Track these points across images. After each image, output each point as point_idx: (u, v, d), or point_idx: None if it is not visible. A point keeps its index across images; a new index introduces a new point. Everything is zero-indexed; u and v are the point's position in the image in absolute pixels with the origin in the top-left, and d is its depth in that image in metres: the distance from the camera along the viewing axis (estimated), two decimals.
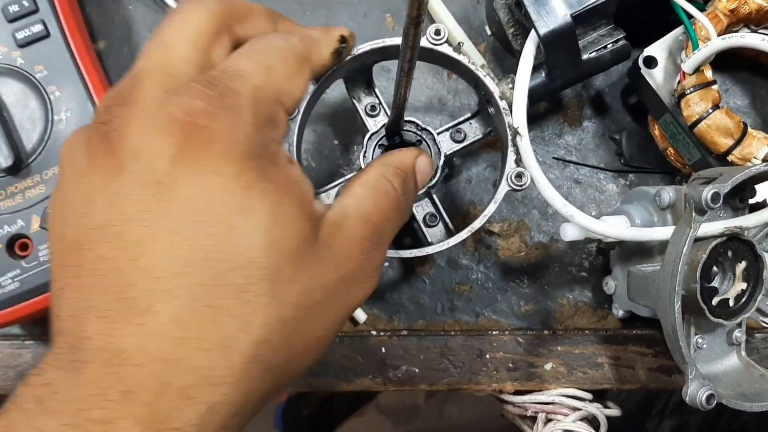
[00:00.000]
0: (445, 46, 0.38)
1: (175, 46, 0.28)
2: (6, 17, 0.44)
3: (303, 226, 0.26)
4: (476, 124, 0.43)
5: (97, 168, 0.25)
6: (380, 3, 0.51)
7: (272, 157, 0.26)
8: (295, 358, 0.27)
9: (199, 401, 0.23)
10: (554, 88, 0.44)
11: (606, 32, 0.43)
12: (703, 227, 0.36)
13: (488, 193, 0.49)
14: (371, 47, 0.38)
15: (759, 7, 0.42)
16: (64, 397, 0.22)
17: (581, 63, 0.42)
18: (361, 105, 0.43)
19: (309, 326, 0.27)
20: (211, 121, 0.24)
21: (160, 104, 0.25)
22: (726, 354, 0.40)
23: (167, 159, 0.24)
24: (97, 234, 0.24)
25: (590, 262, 0.49)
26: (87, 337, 0.23)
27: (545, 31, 0.39)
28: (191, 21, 0.28)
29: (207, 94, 0.25)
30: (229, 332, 0.23)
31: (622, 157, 0.49)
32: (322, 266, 0.27)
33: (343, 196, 0.31)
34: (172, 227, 0.23)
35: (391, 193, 0.31)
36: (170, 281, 0.23)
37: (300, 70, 0.29)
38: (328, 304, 0.28)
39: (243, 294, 0.24)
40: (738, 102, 0.49)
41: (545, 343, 0.47)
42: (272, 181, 0.25)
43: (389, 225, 0.31)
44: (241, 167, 0.24)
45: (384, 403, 0.99)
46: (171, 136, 0.24)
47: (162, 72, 0.26)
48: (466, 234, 0.39)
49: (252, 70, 0.27)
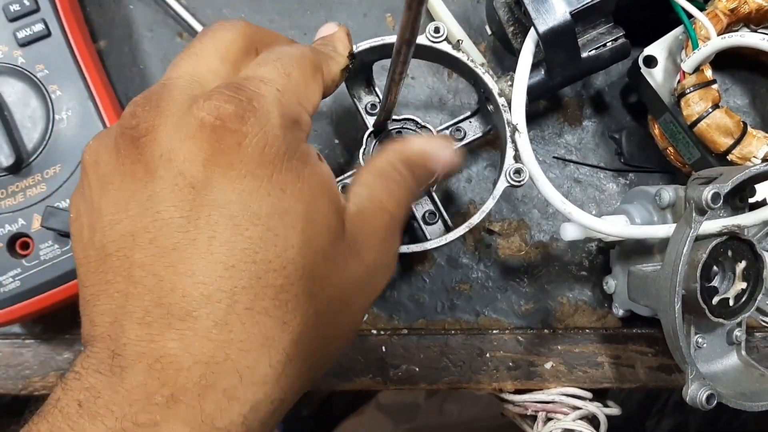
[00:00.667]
0: (444, 44, 0.38)
1: (204, 57, 0.28)
2: (7, 16, 0.44)
3: (334, 223, 0.27)
4: (476, 122, 0.43)
5: (127, 174, 0.25)
6: (380, 2, 0.51)
7: (304, 156, 0.27)
8: (328, 350, 0.28)
9: (243, 401, 0.23)
10: (553, 86, 0.44)
11: (605, 30, 0.43)
12: (703, 227, 0.36)
13: (488, 192, 0.49)
14: (371, 45, 0.38)
15: (759, 6, 0.42)
16: (107, 401, 0.22)
17: (580, 61, 0.42)
18: (362, 103, 0.43)
19: (341, 318, 0.28)
20: (241, 125, 0.24)
21: (189, 109, 0.25)
22: (726, 353, 0.40)
23: (200, 163, 0.24)
24: (130, 241, 0.24)
25: (590, 261, 0.49)
26: (128, 342, 0.23)
27: (545, 28, 0.39)
28: (222, 37, 0.29)
29: (235, 98, 0.25)
30: (270, 332, 0.24)
31: (622, 156, 0.49)
32: (351, 259, 0.28)
33: (355, 185, 0.31)
34: (209, 231, 0.24)
35: (400, 180, 0.32)
36: (210, 286, 0.23)
37: (315, 78, 0.30)
38: (356, 295, 0.29)
39: (282, 294, 0.24)
40: (738, 101, 0.49)
41: (545, 342, 0.47)
42: (305, 180, 0.26)
43: (402, 212, 0.32)
44: (274, 168, 0.25)
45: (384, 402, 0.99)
46: (202, 140, 0.24)
47: (191, 80, 0.27)
48: (464, 229, 0.39)
49: (273, 76, 0.27)
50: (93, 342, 0.24)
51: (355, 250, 0.28)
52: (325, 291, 0.26)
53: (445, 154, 0.34)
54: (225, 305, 0.23)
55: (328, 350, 0.28)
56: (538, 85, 0.43)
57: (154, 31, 0.50)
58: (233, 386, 0.23)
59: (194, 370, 0.22)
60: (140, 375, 0.22)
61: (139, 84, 0.50)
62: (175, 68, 0.28)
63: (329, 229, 0.27)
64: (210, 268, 0.23)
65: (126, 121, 0.26)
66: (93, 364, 0.23)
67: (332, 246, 0.27)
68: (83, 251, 0.26)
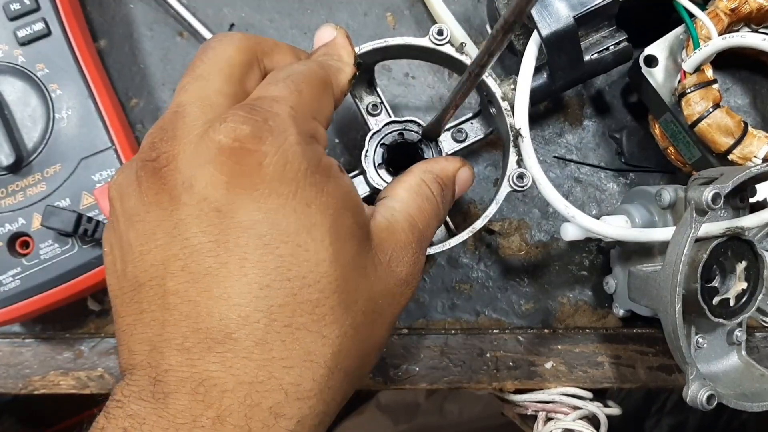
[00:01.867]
0: (447, 47, 0.38)
1: (210, 79, 0.28)
2: (7, 15, 0.44)
3: (360, 234, 0.27)
4: (477, 124, 0.43)
5: (152, 205, 0.25)
6: (381, 1, 0.51)
7: (325, 170, 0.27)
8: (366, 360, 0.28)
9: (289, 417, 0.23)
10: (556, 89, 0.44)
11: (608, 34, 0.43)
12: (704, 227, 0.36)
13: (489, 192, 0.49)
14: (373, 47, 0.38)
15: (759, 6, 0.42)
16: (153, 426, 0.22)
17: (583, 64, 0.42)
18: (363, 104, 0.43)
19: (375, 329, 0.28)
20: (259, 144, 0.25)
21: (205, 134, 0.25)
22: (726, 353, 0.40)
23: (222, 187, 0.24)
24: (161, 269, 0.24)
25: (591, 261, 0.49)
26: (169, 368, 0.23)
27: (548, 32, 0.39)
28: (223, 55, 0.29)
29: (250, 119, 0.25)
30: (310, 347, 0.24)
31: (623, 156, 0.49)
32: (382, 271, 0.28)
33: (389, 199, 0.31)
34: (240, 253, 0.24)
35: (431, 199, 0.32)
36: (247, 307, 0.23)
37: (326, 92, 0.30)
38: (387, 307, 0.29)
39: (318, 308, 0.24)
40: (738, 101, 0.49)
41: (546, 342, 0.47)
42: (329, 194, 0.26)
43: (430, 230, 0.32)
44: (298, 185, 0.25)
45: (384, 402, 0.99)
46: (222, 164, 0.24)
47: (202, 104, 0.27)
48: (467, 234, 0.39)
49: (285, 94, 0.27)
50: (132, 370, 0.24)
51: (384, 262, 0.28)
52: (358, 303, 0.26)
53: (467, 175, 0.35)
54: (263, 324, 0.23)
55: (365, 360, 0.28)
56: (540, 88, 0.43)
57: (155, 30, 0.50)
58: (279, 403, 0.23)
59: (238, 390, 0.23)
60: (184, 399, 0.23)
61: (139, 83, 0.50)
62: (184, 93, 0.28)
63: (356, 240, 0.27)
64: (245, 290, 0.23)
65: (146, 153, 0.26)
66: (134, 392, 0.24)
67: (361, 257, 0.27)
68: (117, 283, 0.26)
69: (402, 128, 0.41)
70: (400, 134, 0.41)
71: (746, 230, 0.38)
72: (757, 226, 0.38)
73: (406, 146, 0.42)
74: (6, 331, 0.47)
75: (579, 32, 0.40)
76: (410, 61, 0.50)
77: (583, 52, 0.42)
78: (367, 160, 0.41)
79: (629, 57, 0.43)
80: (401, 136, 0.41)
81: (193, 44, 0.50)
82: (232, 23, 0.50)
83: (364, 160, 0.41)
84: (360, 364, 0.27)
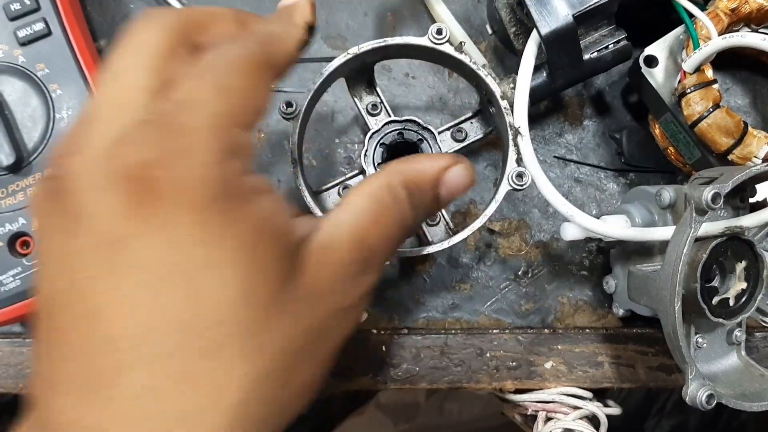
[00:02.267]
0: (446, 46, 0.38)
1: (127, 74, 0.25)
2: (8, 15, 0.44)
3: (281, 265, 0.24)
4: (477, 123, 0.43)
5: (55, 229, 0.23)
6: (381, 2, 0.51)
7: (238, 193, 0.23)
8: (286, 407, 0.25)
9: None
10: (555, 88, 0.44)
11: (607, 32, 0.43)
12: (703, 227, 0.36)
13: (489, 192, 0.49)
14: (373, 46, 0.38)
15: (760, 6, 0.42)
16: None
17: (583, 63, 0.42)
18: (363, 104, 0.43)
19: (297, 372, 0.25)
20: (164, 170, 0.22)
21: (109, 155, 0.22)
22: (726, 353, 0.40)
23: (121, 217, 0.21)
24: (62, 299, 0.22)
25: (591, 260, 0.49)
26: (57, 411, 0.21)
27: (547, 31, 0.39)
28: (144, 43, 0.26)
29: (157, 139, 0.22)
30: (204, 400, 0.21)
31: (623, 156, 0.49)
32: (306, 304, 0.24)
33: (339, 209, 0.27)
34: (128, 292, 0.21)
35: (393, 207, 0.28)
36: (131, 352, 0.21)
37: (261, 79, 0.26)
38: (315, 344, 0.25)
39: (215, 357, 0.22)
40: (738, 101, 0.49)
41: (545, 342, 0.47)
42: (241, 222, 0.23)
43: (389, 244, 0.28)
44: (203, 215, 0.22)
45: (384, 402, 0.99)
46: (122, 192, 0.22)
47: (114, 108, 0.24)
48: (467, 233, 0.39)
49: (206, 96, 0.24)
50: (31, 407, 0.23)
51: (316, 292, 0.25)
52: (275, 344, 0.23)
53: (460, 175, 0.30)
54: (149, 372, 0.21)
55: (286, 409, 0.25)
56: (540, 87, 0.42)
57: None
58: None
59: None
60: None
61: None
62: (98, 93, 0.25)
63: (276, 273, 0.23)
64: (130, 332, 0.21)
65: (51, 169, 0.24)
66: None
67: (282, 292, 0.23)
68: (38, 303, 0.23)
69: (402, 128, 0.41)
70: (400, 134, 0.41)
71: (746, 230, 0.38)
72: (756, 225, 0.38)
73: (406, 146, 0.42)
74: (6, 331, 0.47)
75: (578, 31, 0.40)
76: (410, 61, 0.50)
77: (582, 50, 0.42)
78: (366, 160, 0.41)
79: (629, 56, 0.43)
80: (401, 136, 0.41)
81: None
82: None
83: (363, 159, 0.41)
84: (278, 412, 0.24)
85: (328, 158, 0.50)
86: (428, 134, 0.41)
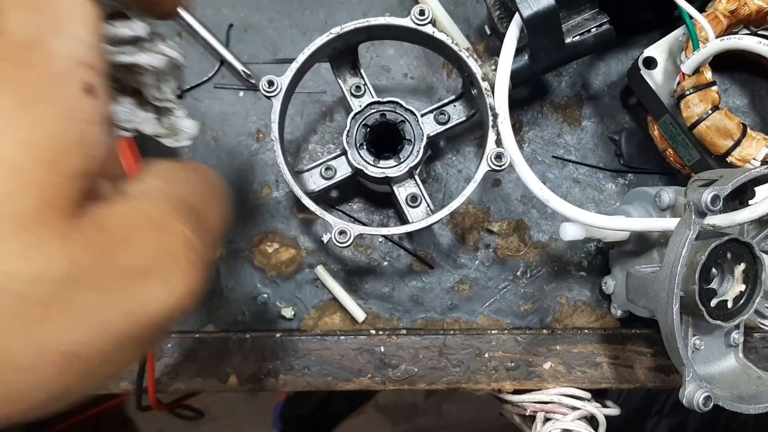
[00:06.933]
0: (428, 27, 0.39)
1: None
2: None
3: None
4: (460, 106, 0.44)
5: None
6: (380, 1, 0.51)
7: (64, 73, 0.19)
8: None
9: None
10: (537, 71, 0.44)
11: (590, 16, 0.43)
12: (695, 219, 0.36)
13: (485, 192, 0.49)
14: (356, 26, 0.38)
15: (759, 8, 0.42)
16: None
17: (564, 46, 0.42)
18: (347, 85, 0.43)
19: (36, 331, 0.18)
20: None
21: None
22: (724, 355, 0.40)
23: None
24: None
25: (589, 261, 0.49)
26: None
27: (528, 13, 0.39)
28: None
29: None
30: None
31: (622, 157, 0.49)
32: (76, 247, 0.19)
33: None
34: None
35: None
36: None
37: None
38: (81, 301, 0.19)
39: None
40: (737, 102, 0.49)
41: (544, 343, 0.47)
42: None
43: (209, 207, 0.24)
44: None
45: (383, 402, 0.99)
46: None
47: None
48: (445, 213, 0.39)
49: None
50: None
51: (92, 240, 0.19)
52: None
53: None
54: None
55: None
56: (521, 69, 0.43)
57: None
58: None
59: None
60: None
61: None
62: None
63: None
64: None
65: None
66: None
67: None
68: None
69: (384, 109, 0.42)
70: (382, 115, 0.42)
71: (745, 232, 0.38)
72: (749, 220, 0.38)
73: (389, 127, 0.42)
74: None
75: (560, 14, 0.40)
76: (410, 61, 0.50)
77: (564, 33, 0.42)
78: (348, 141, 0.41)
79: (611, 39, 0.43)
80: (383, 117, 0.42)
81: (191, 44, 0.50)
82: (231, 23, 0.50)
83: (345, 140, 0.41)
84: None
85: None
86: (410, 116, 0.42)
